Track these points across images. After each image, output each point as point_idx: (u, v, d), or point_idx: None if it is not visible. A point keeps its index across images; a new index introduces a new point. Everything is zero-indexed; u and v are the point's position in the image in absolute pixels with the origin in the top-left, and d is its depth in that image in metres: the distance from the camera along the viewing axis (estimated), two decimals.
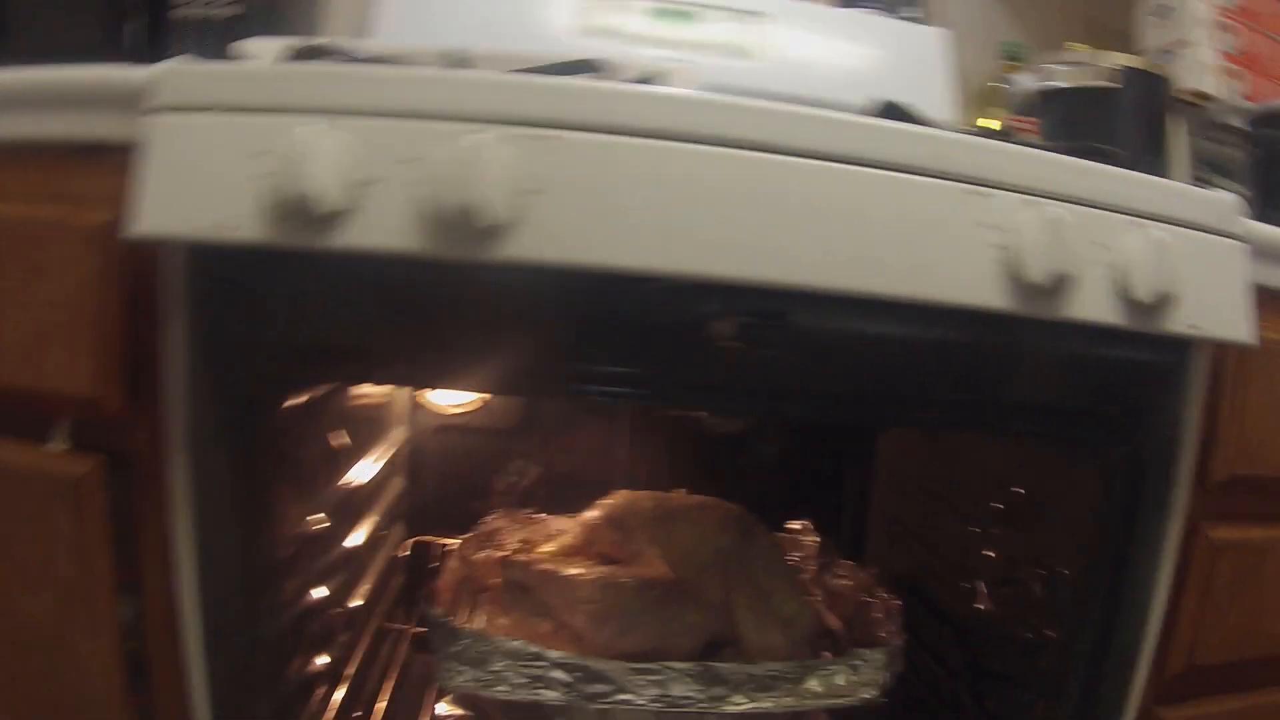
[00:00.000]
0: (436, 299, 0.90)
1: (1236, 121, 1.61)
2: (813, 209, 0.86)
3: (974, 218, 0.90)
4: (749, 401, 1.05)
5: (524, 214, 0.82)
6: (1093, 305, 0.93)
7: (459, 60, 1.21)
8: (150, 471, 0.96)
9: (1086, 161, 0.97)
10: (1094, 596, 1.13)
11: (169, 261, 0.91)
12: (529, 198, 0.82)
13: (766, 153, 0.86)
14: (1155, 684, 1.17)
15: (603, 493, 1.68)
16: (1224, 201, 1.02)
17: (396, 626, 1.58)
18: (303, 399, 1.05)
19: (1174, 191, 1.00)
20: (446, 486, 1.82)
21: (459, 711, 1.38)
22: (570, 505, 1.62)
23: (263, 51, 1.18)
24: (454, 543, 1.58)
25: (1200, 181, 1.46)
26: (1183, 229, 0.97)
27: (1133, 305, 0.94)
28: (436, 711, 1.40)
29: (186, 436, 0.92)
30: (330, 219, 0.80)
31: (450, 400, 1.77)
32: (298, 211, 0.79)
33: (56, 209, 0.94)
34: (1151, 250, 0.94)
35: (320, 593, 1.21)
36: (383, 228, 0.82)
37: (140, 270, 0.93)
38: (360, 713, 1.33)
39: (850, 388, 1.00)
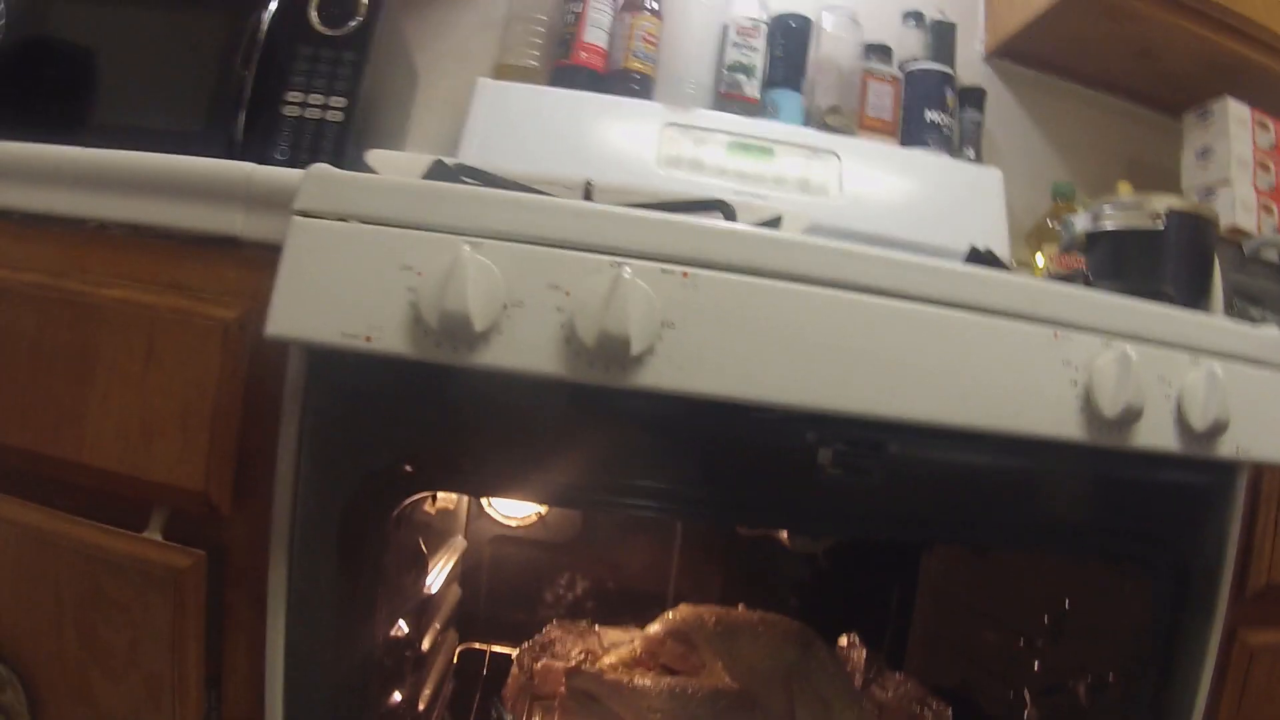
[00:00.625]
0: (558, 422, 0.94)
1: (1272, 255, 1.67)
2: (918, 348, 0.93)
3: (1060, 357, 0.97)
4: (846, 524, 1.11)
5: (659, 345, 0.87)
6: (1156, 435, 1.00)
7: (581, 190, 1.27)
8: (246, 568, 0.99)
9: (1153, 305, 1.04)
10: (1141, 701, 1.17)
11: (290, 364, 0.94)
12: (664, 330, 0.87)
13: (879, 296, 0.93)
14: None
15: (651, 605, 1.71)
16: (1271, 337, 1.09)
17: None
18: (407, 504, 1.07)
19: (1228, 329, 1.07)
20: (496, 596, 1.83)
21: None
22: (618, 618, 1.66)
23: (393, 164, 1.23)
24: (503, 650, 1.64)
25: (1236, 312, 1.51)
26: (1234, 362, 1.05)
27: (1189, 433, 1.01)
28: None
29: (289, 538, 0.94)
30: (476, 338, 0.84)
31: (511, 511, 1.78)
32: (444, 329, 0.83)
33: (176, 299, 0.98)
34: (1206, 383, 1.00)
35: (396, 697, 1.21)
36: (526, 350, 0.85)
37: (257, 370, 0.96)
38: None
39: (935, 511, 1.06)
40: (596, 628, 1.64)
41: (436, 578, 1.46)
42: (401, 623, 1.23)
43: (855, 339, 0.92)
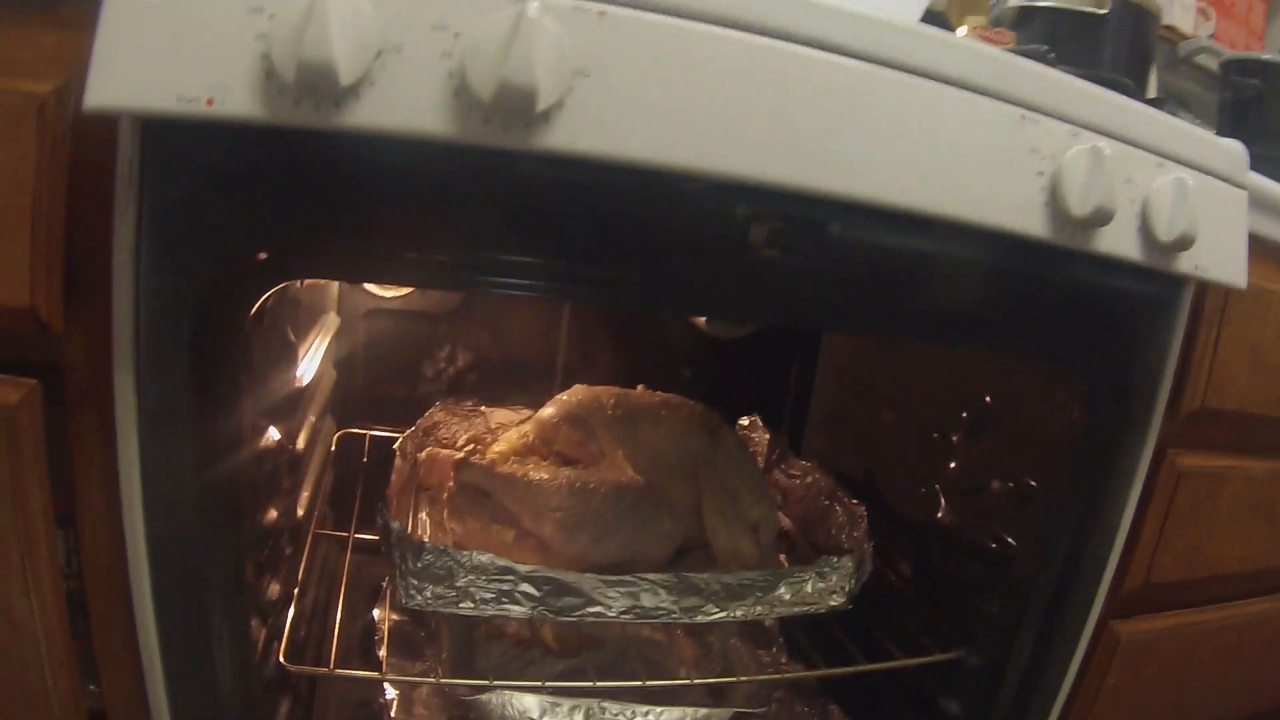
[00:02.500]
0: (445, 188, 0.82)
1: (1204, 60, 1.64)
2: (871, 117, 0.84)
3: (1026, 143, 0.90)
4: (778, 310, 1.03)
5: (569, 99, 0.75)
6: (1121, 241, 0.96)
7: None
8: (89, 390, 0.87)
9: (1124, 97, 0.97)
10: (1067, 512, 1.16)
11: (121, 142, 0.80)
12: (577, 80, 0.75)
13: (829, 52, 0.83)
14: (1112, 598, 1.22)
15: (539, 380, 1.65)
16: (1238, 151, 1.05)
17: (329, 533, 1.53)
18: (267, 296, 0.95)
19: (1196, 137, 1.02)
20: (374, 375, 1.75)
21: (396, 616, 1.36)
22: (503, 395, 1.61)
23: None
24: (384, 433, 1.56)
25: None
26: (1201, 174, 1.00)
27: (1152, 244, 0.97)
28: (374, 617, 1.38)
29: (135, 348, 0.83)
30: (343, 93, 0.72)
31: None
32: (303, 83, 0.70)
33: None
34: (1174, 191, 0.96)
35: (271, 510, 1.14)
36: (405, 106, 0.73)
37: (83, 153, 0.82)
38: (303, 629, 1.29)
39: (875, 301, 1.00)
40: (483, 409, 1.58)
41: (308, 365, 1.37)
42: (272, 430, 1.14)
43: (798, 100, 0.82)
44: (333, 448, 1.62)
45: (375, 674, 1.21)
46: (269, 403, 1.13)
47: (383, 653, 1.25)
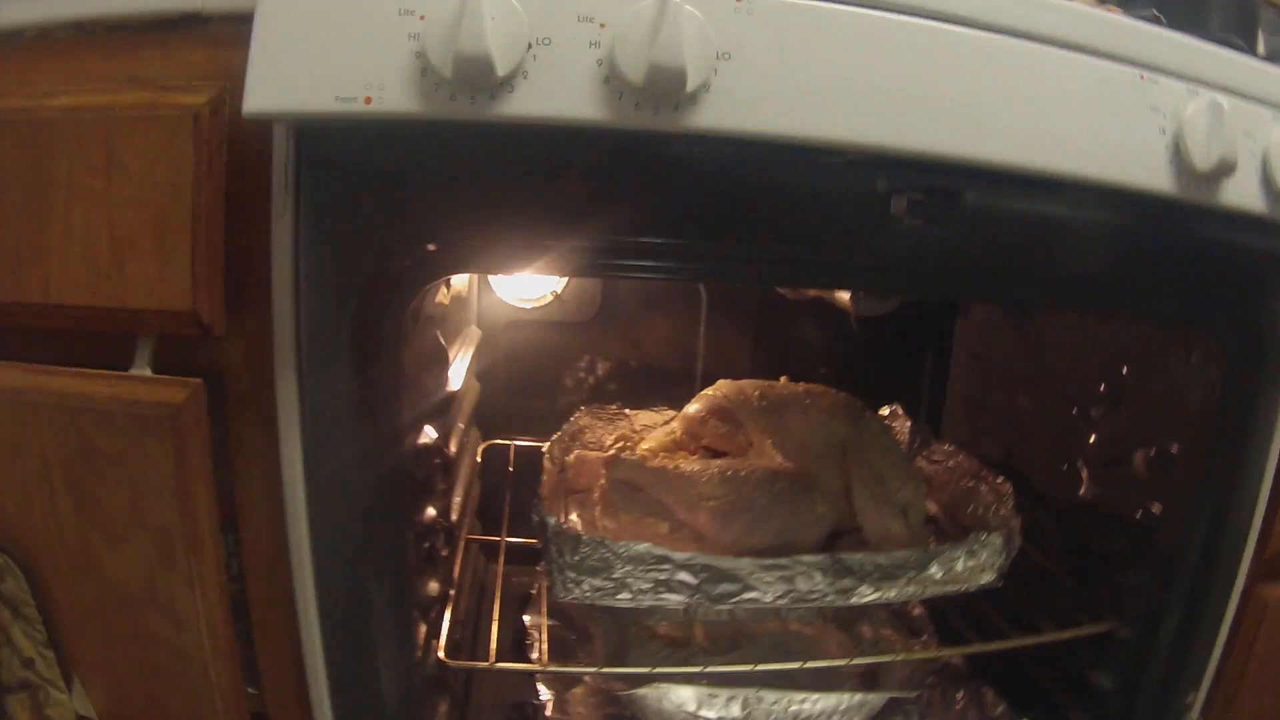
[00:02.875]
0: (593, 173, 0.84)
1: None
2: (1001, 86, 0.86)
3: (1147, 102, 0.91)
4: (921, 282, 1.03)
5: (714, 80, 0.78)
6: (1245, 194, 0.95)
7: None
8: (250, 392, 0.90)
9: (1237, 53, 0.98)
10: (1209, 475, 1.14)
11: (276, 148, 0.83)
12: (720, 63, 0.78)
13: (957, 25, 0.85)
14: (1257, 561, 1.18)
15: (678, 384, 1.65)
16: None
17: (479, 538, 1.55)
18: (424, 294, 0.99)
19: None
20: (515, 386, 1.77)
21: (548, 620, 1.34)
22: (644, 400, 1.61)
23: None
24: (528, 443, 1.57)
25: None
26: None
27: (1276, 195, 0.96)
28: (525, 621, 1.37)
29: (297, 348, 0.86)
30: (498, 86, 0.75)
31: (523, 294, 1.71)
32: (460, 78, 0.74)
33: (135, 94, 0.84)
34: None
35: (432, 509, 1.16)
36: (560, 94, 0.76)
37: (239, 161, 0.85)
38: (460, 632, 1.30)
39: (1012, 267, 1.00)
40: (627, 412, 1.59)
41: (457, 372, 1.39)
42: (428, 428, 1.16)
43: (932, 72, 0.83)
44: (478, 459, 1.64)
45: (534, 666, 1.22)
46: (426, 404, 1.16)
47: (536, 654, 1.25)
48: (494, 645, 1.18)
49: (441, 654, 1.14)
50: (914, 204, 0.89)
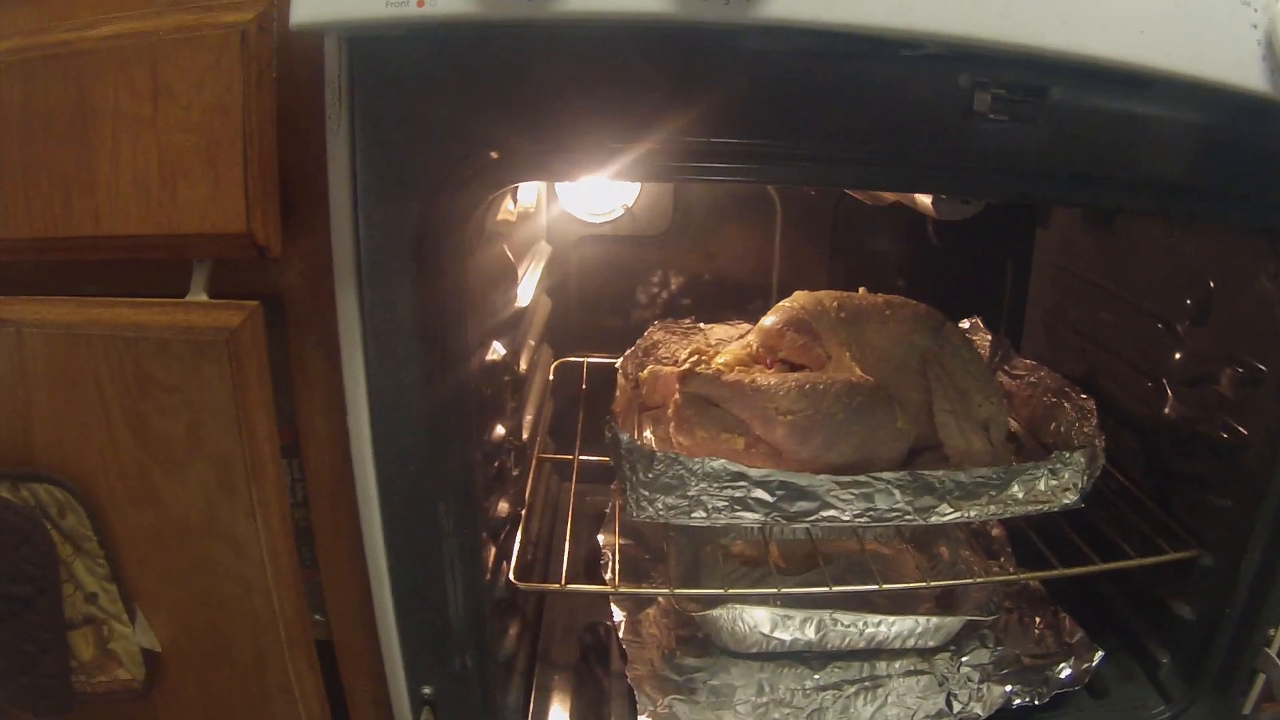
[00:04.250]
0: (661, 72, 0.82)
1: None
2: None
3: None
4: (1007, 182, 0.98)
5: None
6: None
7: None
8: (310, 314, 0.89)
9: None
10: None
11: (328, 61, 0.80)
12: None
13: None
14: None
15: (754, 298, 1.60)
16: None
17: (552, 457, 1.53)
18: (483, 208, 0.96)
19: None
20: (587, 303, 1.75)
21: (622, 540, 1.34)
22: (720, 315, 1.59)
23: None
24: (602, 360, 1.54)
25: None
26: None
27: None
28: (599, 542, 1.37)
29: (358, 268, 0.84)
30: None
31: (593, 208, 1.67)
32: None
33: (177, 16, 0.82)
34: None
35: (501, 427, 1.15)
36: None
37: (290, 77, 0.82)
38: (531, 555, 1.30)
39: (1101, 168, 0.95)
40: (702, 326, 1.56)
41: (526, 288, 1.37)
42: (496, 344, 1.14)
43: None
44: (550, 377, 1.62)
45: (607, 588, 1.21)
46: (493, 320, 1.14)
47: (609, 575, 1.25)
48: (565, 567, 1.16)
49: (512, 576, 1.13)
50: (998, 100, 0.86)
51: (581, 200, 1.65)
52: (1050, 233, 1.72)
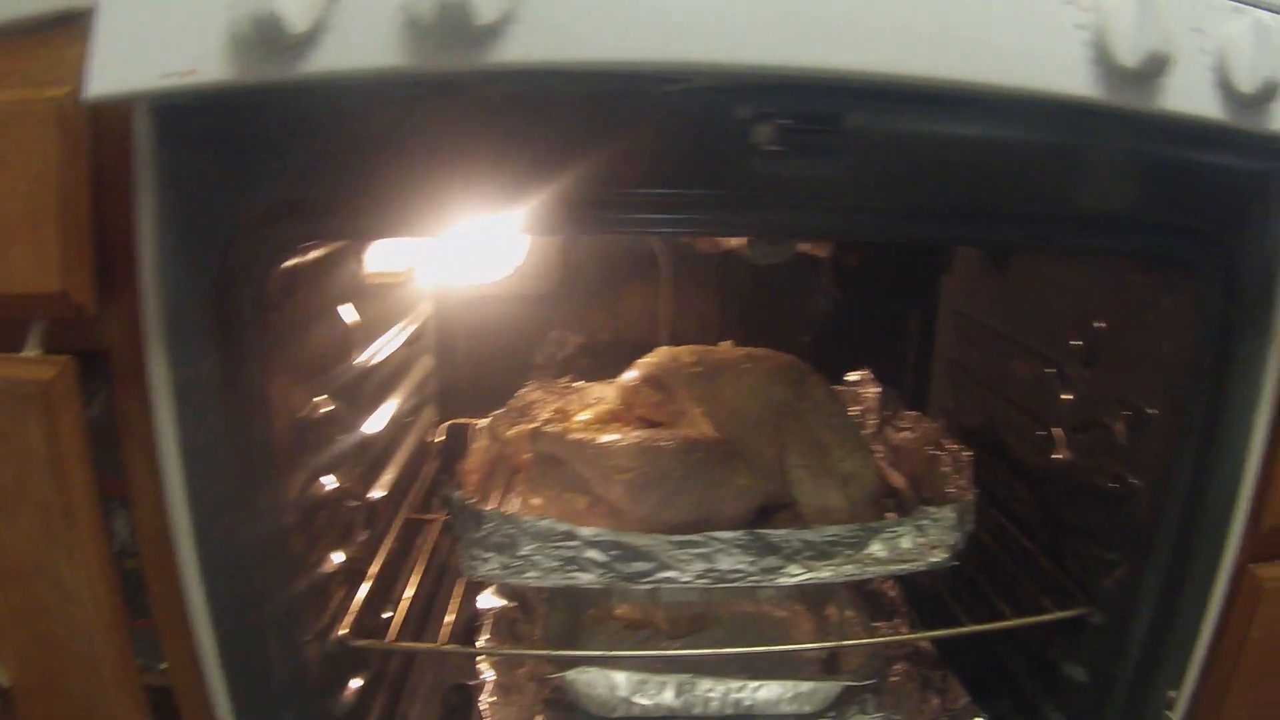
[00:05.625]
0: (426, 128, 0.89)
1: None
2: None
3: None
4: (795, 218, 1.02)
5: (516, 9, 0.79)
6: (1190, 96, 0.89)
7: None
8: (130, 369, 0.97)
9: None
10: (1186, 438, 1.11)
11: (136, 129, 0.90)
12: None
13: None
14: (1250, 538, 1.16)
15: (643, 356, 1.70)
16: None
17: (426, 518, 1.59)
18: (292, 265, 1.05)
19: None
20: (481, 364, 1.84)
21: (503, 602, 1.42)
22: (616, 372, 1.63)
23: None
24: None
25: None
26: None
27: (1233, 97, 0.90)
28: (479, 605, 1.44)
29: (164, 323, 0.93)
30: (301, 43, 0.79)
31: (480, 268, 1.75)
32: (265, 40, 0.78)
33: (15, 91, 0.94)
34: (1253, 35, 0.89)
35: (330, 483, 1.22)
36: (360, 46, 0.80)
37: (105, 145, 0.93)
38: (390, 612, 1.36)
39: (914, 200, 0.99)
40: (579, 384, 1.64)
41: (381, 348, 1.46)
42: (324, 402, 1.22)
43: None
44: (439, 439, 1.71)
45: (431, 645, 1.29)
46: (322, 379, 1.22)
47: (485, 637, 1.33)
48: (398, 625, 1.28)
49: (343, 632, 1.20)
50: (782, 131, 0.87)
51: (468, 260, 1.73)
52: (954, 279, 1.79)
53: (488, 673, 1.35)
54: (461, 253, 1.72)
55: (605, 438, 1.31)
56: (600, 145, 0.90)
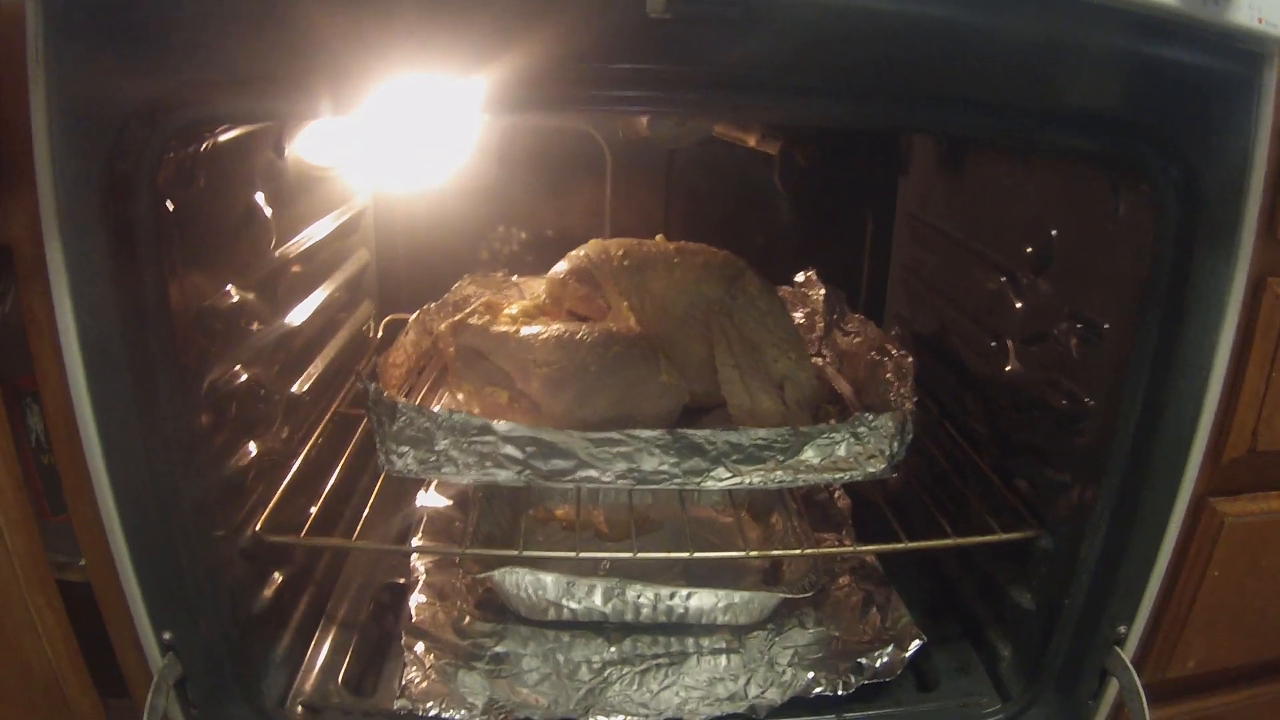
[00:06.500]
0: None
1: None
2: None
3: None
4: (690, 95, 1.02)
5: None
6: None
7: None
8: (33, 263, 1.02)
9: None
10: (1141, 355, 1.12)
11: (29, 21, 0.93)
12: None
13: None
14: (1210, 469, 1.17)
15: None
16: None
17: (358, 413, 1.60)
18: (189, 152, 1.09)
19: None
20: (423, 259, 1.88)
21: (445, 501, 1.49)
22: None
23: None
24: None
25: None
26: None
27: None
28: (418, 503, 1.50)
29: (59, 216, 0.97)
30: None
31: (416, 162, 1.79)
32: None
33: None
34: None
35: (244, 376, 1.26)
36: None
37: (4, 39, 0.96)
38: (314, 507, 1.40)
39: (834, 80, 0.99)
40: (515, 278, 1.68)
41: (303, 240, 1.50)
42: (235, 291, 1.25)
43: None
44: (378, 333, 1.77)
45: (344, 542, 1.36)
46: (224, 268, 1.25)
47: (419, 536, 1.40)
48: (311, 520, 1.34)
49: (259, 528, 1.25)
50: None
51: (403, 153, 1.76)
52: (910, 182, 1.81)
53: (420, 572, 1.39)
54: (396, 144, 1.75)
55: (526, 330, 1.34)
56: (498, 16, 0.91)
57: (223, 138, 1.17)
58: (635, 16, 0.88)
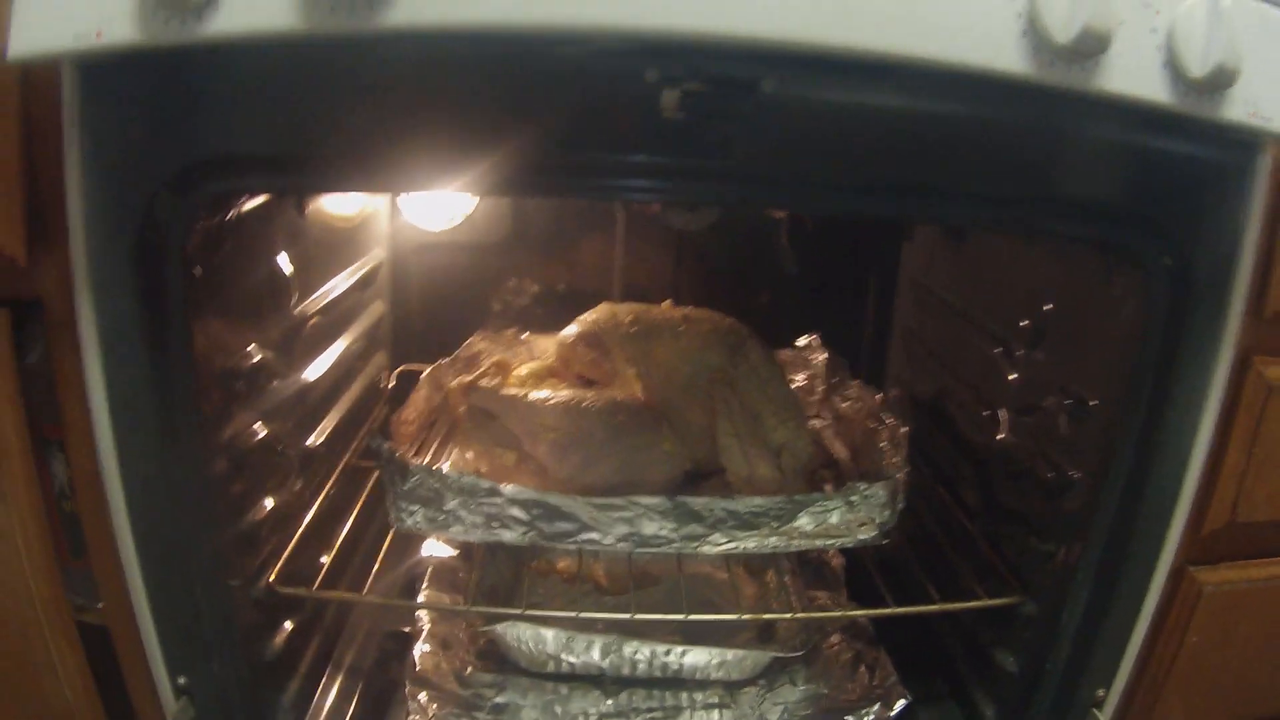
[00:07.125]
0: (329, 88, 0.95)
1: None
2: None
3: None
4: (706, 188, 1.05)
5: None
6: (1130, 76, 0.90)
7: None
8: (63, 317, 1.07)
9: None
10: (1127, 432, 1.14)
11: (65, 86, 0.98)
12: None
13: None
14: (1190, 540, 1.21)
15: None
16: None
17: (368, 464, 1.66)
18: (218, 219, 1.14)
19: None
20: (437, 310, 1.93)
21: (449, 551, 1.54)
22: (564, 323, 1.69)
23: None
24: None
25: None
26: None
27: (1181, 80, 0.91)
28: (423, 554, 1.55)
29: (91, 274, 1.02)
30: (201, 6, 0.86)
31: (431, 216, 1.83)
32: (166, 3, 0.85)
33: None
34: (1207, 13, 0.89)
35: (263, 431, 1.32)
36: (257, 9, 0.86)
37: (36, 100, 1.02)
38: (326, 557, 1.45)
39: (835, 174, 1.01)
40: (526, 336, 1.72)
41: (322, 296, 1.54)
42: (256, 349, 1.30)
43: None
44: (390, 384, 1.82)
45: (354, 595, 1.40)
46: (248, 327, 1.30)
47: (425, 587, 1.44)
48: (323, 575, 1.37)
49: (272, 579, 1.30)
50: (691, 97, 0.88)
51: (421, 208, 1.81)
52: (914, 248, 1.85)
53: (425, 621, 1.44)
54: (412, 200, 1.80)
55: (535, 395, 1.39)
56: (509, 109, 0.95)
57: (249, 205, 1.22)
58: (650, 119, 0.92)
